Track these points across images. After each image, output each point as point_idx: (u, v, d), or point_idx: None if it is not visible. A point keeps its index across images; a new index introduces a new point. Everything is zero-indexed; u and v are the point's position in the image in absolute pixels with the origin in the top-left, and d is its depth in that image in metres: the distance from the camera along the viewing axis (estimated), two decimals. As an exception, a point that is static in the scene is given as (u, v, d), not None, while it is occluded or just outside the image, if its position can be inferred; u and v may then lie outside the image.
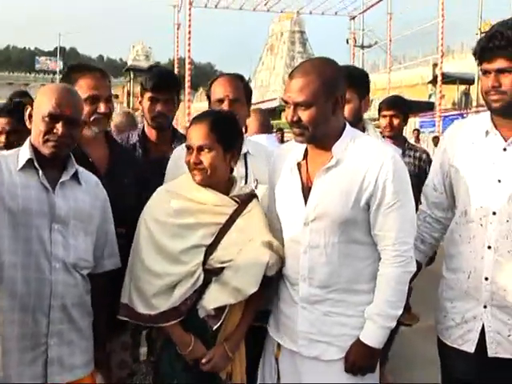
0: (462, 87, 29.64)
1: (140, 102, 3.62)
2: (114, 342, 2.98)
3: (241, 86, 3.24)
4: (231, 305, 2.59)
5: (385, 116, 4.78)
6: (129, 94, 47.46)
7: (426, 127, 21.44)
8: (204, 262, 2.59)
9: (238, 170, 3.01)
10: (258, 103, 27.03)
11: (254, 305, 2.68)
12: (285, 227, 2.69)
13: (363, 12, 16.53)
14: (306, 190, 2.57)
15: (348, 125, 2.61)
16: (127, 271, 2.67)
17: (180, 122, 15.11)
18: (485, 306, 2.63)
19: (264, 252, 2.59)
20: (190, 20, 11.34)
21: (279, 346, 2.69)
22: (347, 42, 17.29)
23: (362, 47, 17.82)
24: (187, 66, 11.23)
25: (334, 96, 2.47)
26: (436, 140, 16.34)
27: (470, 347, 2.66)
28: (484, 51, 2.57)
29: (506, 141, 2.63)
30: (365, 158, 2.50)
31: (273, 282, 2.70)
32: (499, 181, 2.61)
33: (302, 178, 2.60)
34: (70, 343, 2.45)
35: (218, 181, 2.68)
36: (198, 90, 51.22)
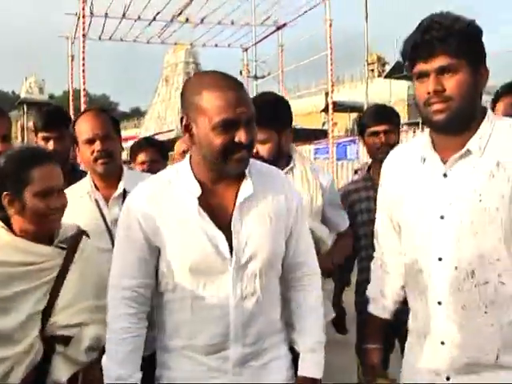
0: (354, 115, 30.93)
1: (36, 143, 3.69)
2: None
3: (108, 120, 3.12)
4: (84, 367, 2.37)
5: (377, 133, 3.80)
6: (22, 129, 46.11)
7: (320, 153, 22.11)
8: (43, 328, 2.33)
9: (112, 213, 2.96)
10: (155, 135, 26.96)
11: None
12: (196, 281, 2.16)
13: (255, 44, 16.95)
14: (224, 229, 2.15)
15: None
16: None
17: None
18: (448, 378, 2.12)
19: (93, 320, 2.40)
20: (83, 52, 11.33)
21: None
22: (241, 73, 17.63)
23: (256, 78, 18.16)
24: (82, 99, 11.15)
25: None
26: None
27: None
28: (418, 48, 2.04)
29: (445, 164, 2.13)
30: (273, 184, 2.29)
31: None
32: (442, 217, 2.11)
33: (209, 216, 2.15)
34: None
35: (39, 228, 2.44)
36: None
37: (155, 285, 2.26)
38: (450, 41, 1.98)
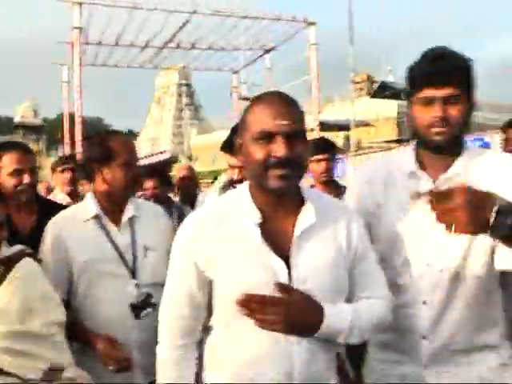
0: (342, 133, 31.56)
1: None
2: None
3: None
4: None
5: (319, 160, 4.57)
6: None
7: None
8: None
9: (123, 237, 2.91)
10: (148, 156, 27.22)
11: None
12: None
13: (243, 67, 17.44)
14: (284, 258, 2.00)
15: None
16: None
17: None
18: None
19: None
20: (79, 80, 11.78)
21: None
22: (231, 95, 18.04)
23: (246, 99, 18.61)
24: (78, 124, 11.59)
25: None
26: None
27: None
28: (427, 75, 2.17)
29: (434, 183, 2.24)
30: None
31: None
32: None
33: (269, 244, 1.99)
34: None
35: None
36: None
37: (206, 318, 2.11)
38: (457, 73, 2.16)
